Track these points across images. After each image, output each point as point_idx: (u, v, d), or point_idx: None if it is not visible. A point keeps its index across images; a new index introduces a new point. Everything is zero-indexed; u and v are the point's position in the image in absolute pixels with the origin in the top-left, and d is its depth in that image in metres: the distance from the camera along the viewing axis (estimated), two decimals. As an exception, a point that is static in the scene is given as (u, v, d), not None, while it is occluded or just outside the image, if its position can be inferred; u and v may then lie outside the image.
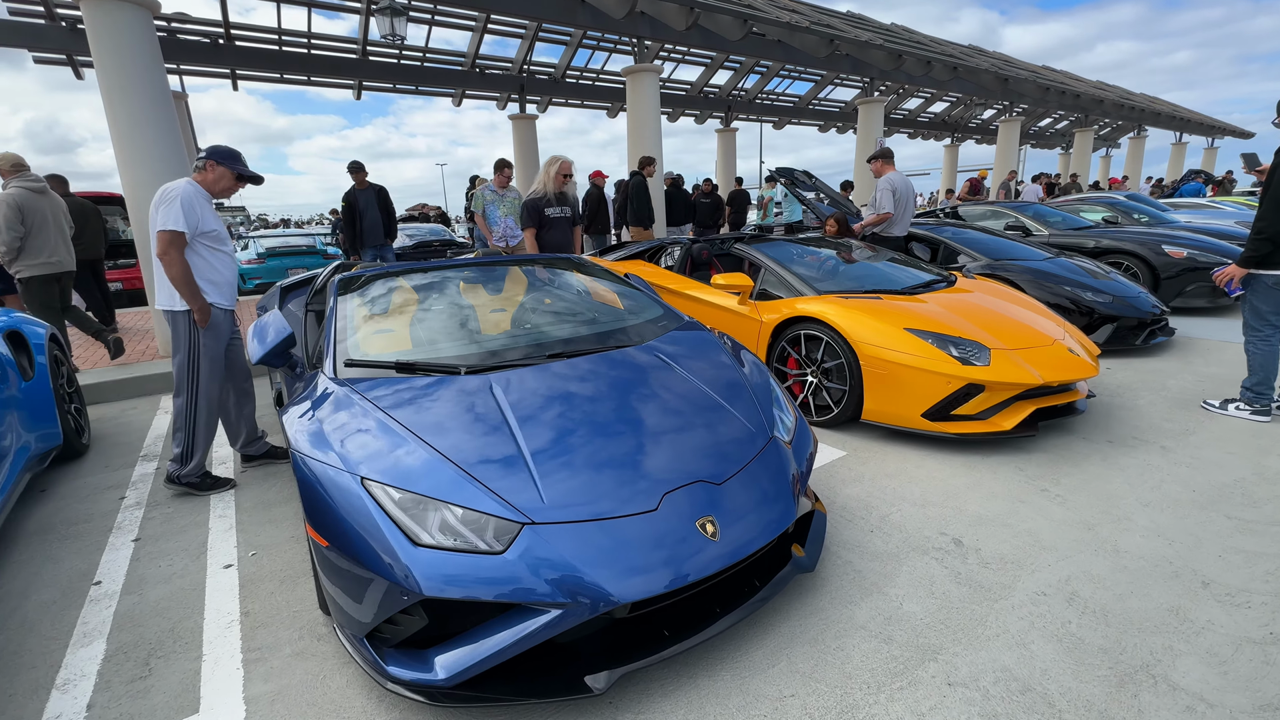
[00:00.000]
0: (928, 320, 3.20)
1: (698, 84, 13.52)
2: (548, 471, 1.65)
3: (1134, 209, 9.41)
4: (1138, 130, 21.88)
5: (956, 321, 3.23)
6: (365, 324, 2.38)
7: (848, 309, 3.32)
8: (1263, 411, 3.34)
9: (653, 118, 7.93)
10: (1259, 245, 3.12)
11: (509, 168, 5.84)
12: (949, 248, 5.62)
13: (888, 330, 3.13)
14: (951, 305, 3.47)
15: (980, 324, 3.25)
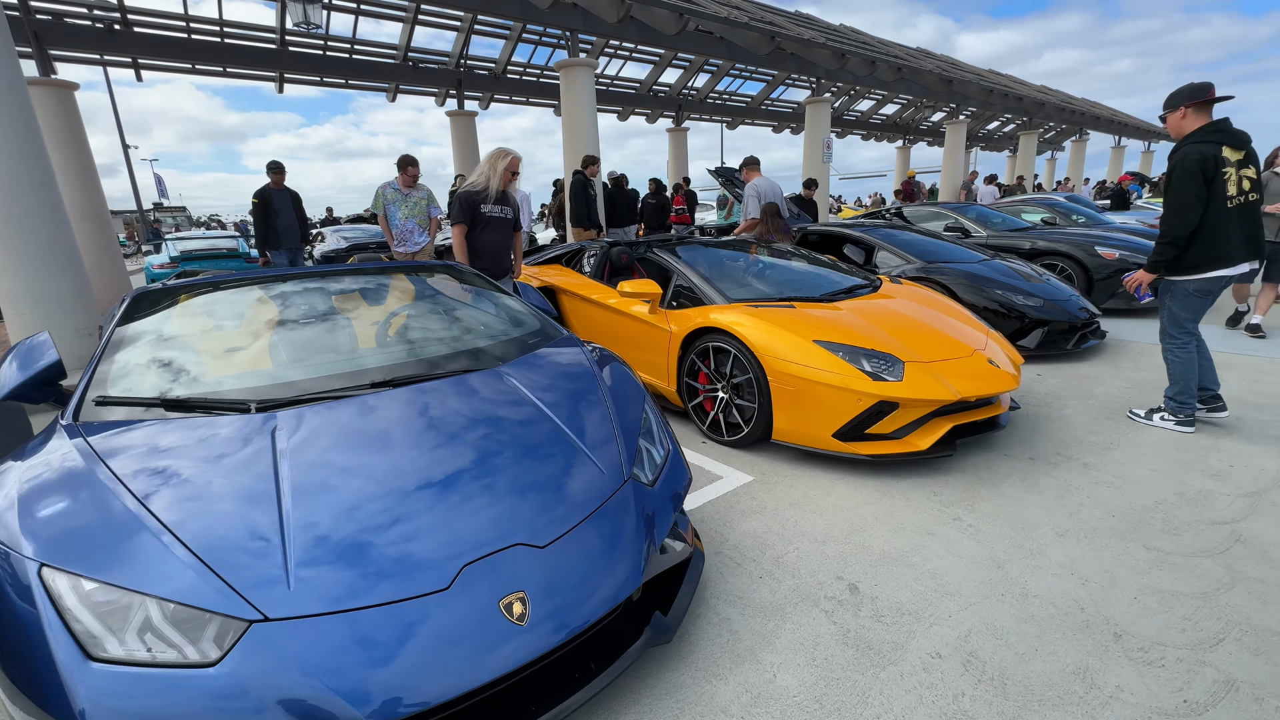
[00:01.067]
0: (840, 331, 2.95)
1: (646, 82, 13.24)
2: (308, 546, 1.30)
3: (1073, 210, 9.51)
4: (1079, 134, 22.57)
5: (871, 332, 2.99)
6: (149, 350, 1.97)
7: (756, 319, 3.04)
8: (1186, 422, 3.20)
9: (588, 114, 7.60)
10: (1164, 250, 3.05)
11: (414, 165, 5.31)
12: (884, 250, 5.44)
13: (796, 342, 2.86)
14: (869, 313, 3.23)
15: (897, 334, 3.02)
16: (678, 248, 4.03)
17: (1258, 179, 2.99)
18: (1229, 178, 2.90)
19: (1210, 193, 2.90)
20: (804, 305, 3.27)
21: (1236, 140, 2.93)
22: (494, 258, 3.85)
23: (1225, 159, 2.89)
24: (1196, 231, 2.96)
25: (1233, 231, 2.95)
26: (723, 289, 3.43)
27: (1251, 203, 2.97)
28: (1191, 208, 2.91)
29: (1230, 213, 2.93)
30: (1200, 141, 2.92)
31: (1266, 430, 3.15)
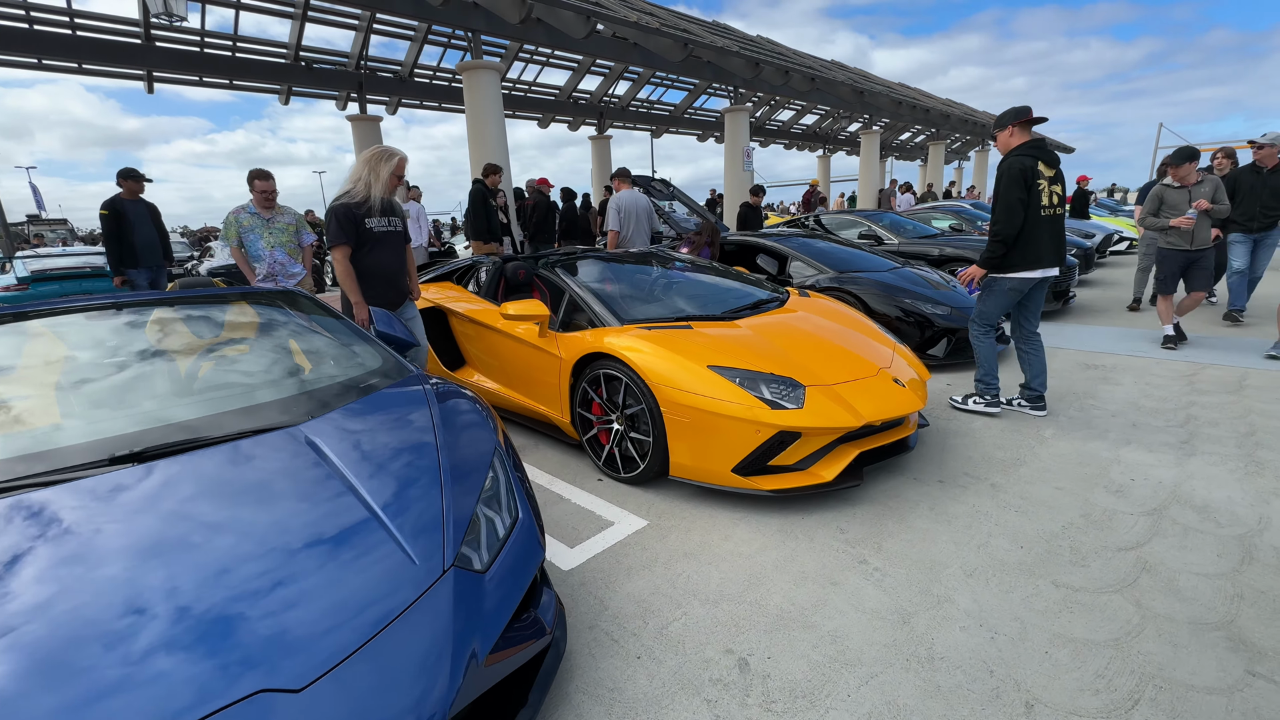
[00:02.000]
0: (739, 353, 2.70)
1: (566, 88, 12.93)
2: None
3: (979, 216, 9.90)
4: (983, 144, 24.04)
5: (772, 353, 2.76)
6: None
7: (649, 343, 2.75)
8: (993, 404, 3.57)
9: (494, 119, 7.18)
10: (994, 248, 3.35)
11: (264, 179, 4.25)
12: (797, 260, 5.33)
13: (691, 368, 2.59)
14: (772, 331, 3.01)
15: (800, 354, 2.80)
16: (577, 263, 3.70)
17: (1064, 195, 3.39)
18: (1043, 189, 3.27)
19: (1030, 200, 3.25)
20: (703, 325, 3.01)
21: (1050, 158, 3.33)
22: (389, 281, 3.23)
23: (1040, 172, 3.26)
24: (1020, 236, 3.29)
25: (1044, 238, 3.32)
26: (616, 309, 3.12)
27: (1058, 215, 3.37)
28: (1017, 210, 3.24)
29: (1043, 221, 3.29)
30: (1022, 154, 3.28)
31: (1160, 437, 3.15)
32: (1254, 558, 2.10)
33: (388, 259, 3.20)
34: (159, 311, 2.20)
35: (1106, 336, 5.43)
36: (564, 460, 3.22)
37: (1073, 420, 3.45)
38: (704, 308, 3.35)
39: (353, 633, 1.15)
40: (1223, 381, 4.00)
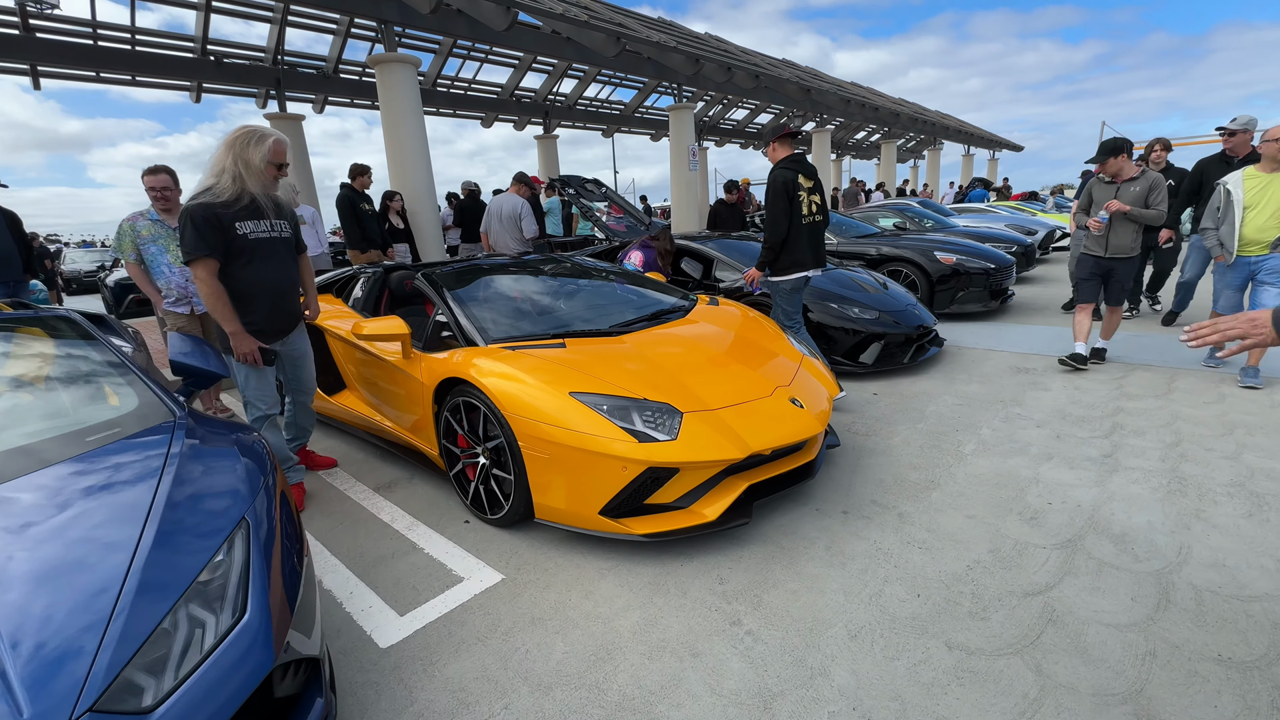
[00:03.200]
0: (610, 376, 2.36)
1: (508, 86, 12.48)
2: None
3: (924, 215, 9.83)
4: (935, 143, 24.38)
5: (653, 374, 2.43)
6: None
7: (509, 364, 2.39)
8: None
9: (411, 117, 6.72)
10: (766, 253, 3.70)
11: (160, 174, 3.49)
12: (723, 263, 5.04)
13: (549, 395, 2.24)
14: (659, 348, 2.69)
15: (687, 372, 2.48)
16: (464, 272, 3.32)
17: (824, 204, 3.78)
18: (803, 200, 3.61)
19: (792, 210, 3.58)
20: (581, 342, 2.66)
21: (808, 170, 3.70)
22: (276, 302, 2.57)
23: (800, 184, 3.60)
24: (785, 242, 3.63)
25: (805, 244, 3.67)
26: (486, 325, 2.75)
27: (818, 223, 3.76)
28: (782, 220, 3.58)
29: (804, 228, 3.64)
30: (785, 168, 3.62)
31: (1084, 450, 2.93)
32: (1170, 600, 1.85)
33: (272, 273, 2.51)
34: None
35: (1041, 337, 5.29)
36: (435, 498, 2.84)
37: (996, 433, 3.22)
38: (592, 321, 3.01)
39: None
40: (1152, 385, 3.84)
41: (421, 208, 6.91)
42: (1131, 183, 3.99)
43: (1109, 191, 4.09)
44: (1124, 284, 4.20)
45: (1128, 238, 4.05)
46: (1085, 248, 4.25)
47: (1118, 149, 4.02)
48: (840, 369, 4.34)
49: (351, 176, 5.43)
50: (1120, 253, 4.09)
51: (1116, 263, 4.12)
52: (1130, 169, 4.02)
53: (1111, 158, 4.03)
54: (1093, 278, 4.23)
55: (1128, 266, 4.14)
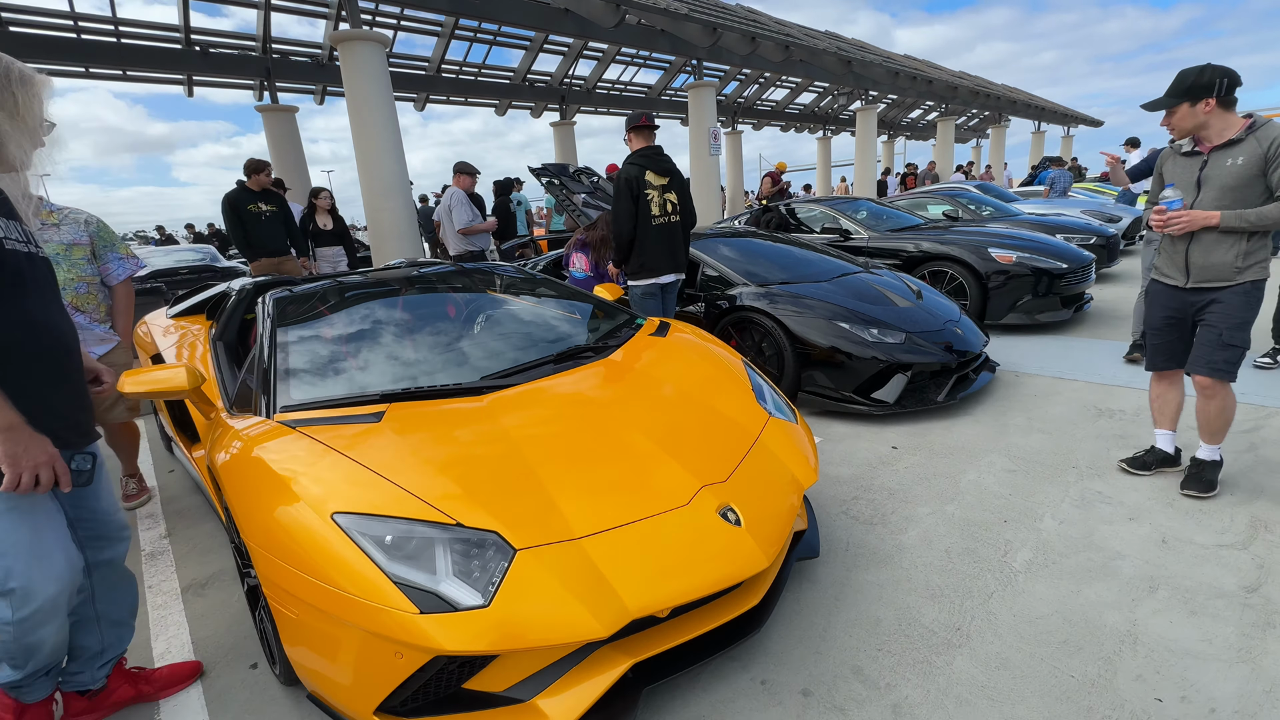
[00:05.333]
0: (411, 479, 1.47)
1: (520, 69, 11.71)
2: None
3: (982, 201, 8.48)
4: (1000, 119, 22.17)
5: (501, 470, 1.54)
6: None
7: (266, 452, 1.56)
8: None
9: (380, 102, 6.02)
10: (616, 255, 3.49)
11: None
12: (709, 269, 4.06)
13: (301, 518, 1.38)
14: (532, 413, 1.79)
15: (553, 463, 1.59)
16: (295, 296, 2.46)
17: (682, 203, 3.43)
18: (651, 199, 3.32)
19: (638, 210, 3.30)
20: (413, 407, 1.79)
21: (660, 167, 3.36)
22: (64, 368, 1.37)
23: (648, 182, 3.31)
24: (635, 243, 3.35)
25: (655, 247, 3.37)
26: (289, 380, 1.92)
27: (673, 224, 3.42)
28: (624, 220, 3.32)
29: (653, 230, 3.35)
30: (633, 163, 3.34)
31: (1213, 573, 1.86)
32: None
33: (48, 315, 1.35)
34: None
35: (1127, 362, 4.08)
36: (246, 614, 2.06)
37: (1066, 531, 2.18)
38: (460, 367, 2.14)
39: None
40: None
41: (391, 204, 6.22)
42: (1230, 150, 2.10)
43: (1188, 168, 2.22)
44: (1225, 334, 2.18)
45: (1226, 251, 2.15)
46: (1156, 272, 2.40)
47: (1196, 88, 2.07)
48: (851, 411, 3.32)
49: (245, 173, 4.72)
50: (1215, 278, 2.19)
51: (1208, 297, 2.23)
52: (1226, 123, 2.10)
53: (1184, 102, 2.11)
54: (1168, 327, 2.36)
55: (1232, 303, 2.17)
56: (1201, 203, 2.17)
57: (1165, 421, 2.51)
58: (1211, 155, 2.15)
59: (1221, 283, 2.19)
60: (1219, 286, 2.20)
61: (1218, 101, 2.07)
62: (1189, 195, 2.20)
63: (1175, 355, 2.40)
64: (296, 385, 1.88)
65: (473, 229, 4.92)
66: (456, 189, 4.99)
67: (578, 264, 3.89)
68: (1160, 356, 2.44)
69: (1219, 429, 2.32)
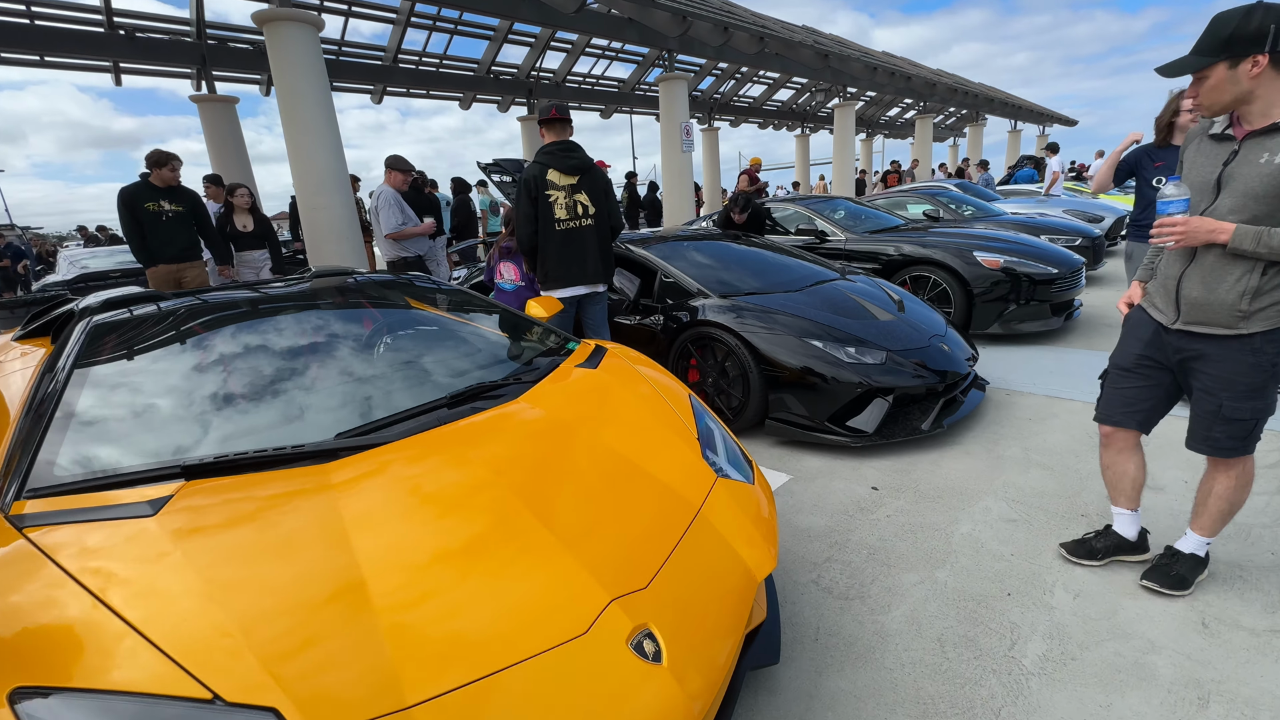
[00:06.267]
0: (156, 630, 0.99)
1: (485, 60, 11.14)
2: None
3: (962, 200, 8.17)
4: (977, 118, 22.11)
5: (296, 598, 1.07)
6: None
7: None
8: None
9: (313, 90, 5.46)
10: (528, 260, 3.18)
11: None
12: (669, 277, 3.61)
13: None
14: (383, 497, 1.32)
15: (392, 574, 1.12)
16: (171, 312, 2.00)
17: (598, 205, 3.08)
18: (555, 200, 2.99)
19: (538, 212, 2.98)
20: (223, 486, 1.30)
21: (566, 164, 3.00)
22: None
23: (551, 182, 2.98)
24: (541, 249, 3.05)
25: (564, 255, 3.05)
26: (70, 440, 1.42)
27: (584, 229, 3.06)
28: (523, 224, 3.02)
29: (557, 235, 3.03)
30: (537, 160, 3.02)
31: (1270, 673, 1.47)
32: None
33: None
34: None
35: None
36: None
37: (1083, 608, 1.77)
38: (324, 417, 1.65)
39: None
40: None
41: (329, 203, 5.67)
42: (1272, 139, 1.43)
43: (1210, 159, 1.56)
44: (1226, 405, 1.58)
45: (1231, 284, 1.51)
46: (1148, 298, 1.76)
47: (1239, 39, 1.38)
48: (825, 442, 2.90)
49: (148, 166, 4.15)
50: (1208, 321, 1.57)
51: (1198, 348, 1.61)
52: (1278, 95, 1.42)
53: (1221, 62, 1.41)
54: (1138, 370, 1.75)
55: (1231, 362, 1.56)
56: (1216, 212, 1.52)
57: (1122, 498, 1.90)
58: (1245, 144, 1.47)
59: (1217, 329, 1.55)
60: (1213, 334, 1.56)
61: (1270, 59, 1.36)
62: (1200, 197, 1.56)
63: (1135, 410, 1.77)
64: (68, 453, 1.38)
65: (405, 233, 4.40)
66: (386, 188, 4.46)
67: (505, 274, 3.41)
68: (1115, 405, 1.80)
69: (1217, 515, 1.73)
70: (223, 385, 1.72)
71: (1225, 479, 1.69)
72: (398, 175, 4.43)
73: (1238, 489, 1.69)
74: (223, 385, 1.72)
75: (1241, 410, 1.57)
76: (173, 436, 1.51)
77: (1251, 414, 1.57)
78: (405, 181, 4.57)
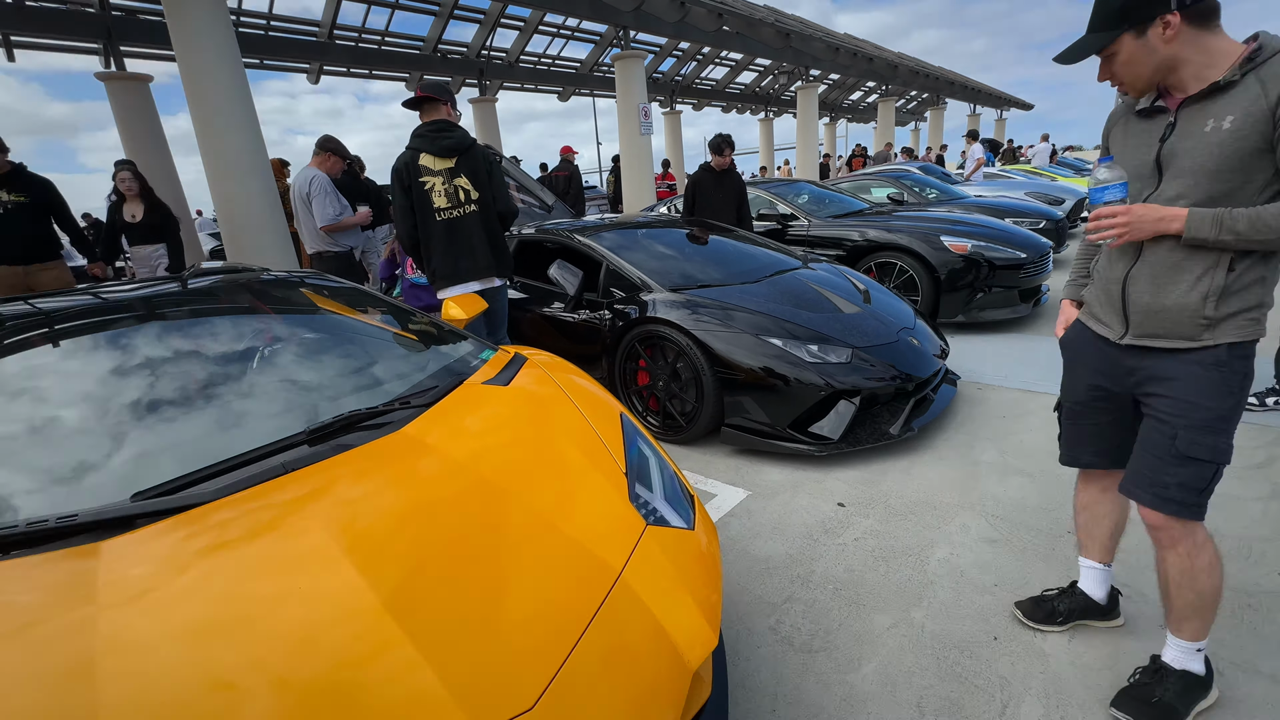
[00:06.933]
0: None
1: (431, 38, 10.50)
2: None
3: (925, 183, 8.01)
4: (938, 101, 22.22)
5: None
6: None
7: None
8: None
9: (219, 61, 4.90)
10: (416, 257, 2.94)
11: None
12: (615, 269, 3.26)
13: None
14: (194, 567, 0.96)
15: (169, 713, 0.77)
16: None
17: (480, 190, 2.71)
18: (433, 188, 2.65)
19: (412, 202, 2.67)
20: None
21: (440, 146, 2.65)
22: None
23: (425, 167, 2.64)
24: (424, 245, 2.75)
25: (446, 248, 2.72)
26: None
27: (468, 216, 2.71)
28: (399, 216, 2.74)
29: (439, 226, 2.70)
30: (410, 146, 2.69)
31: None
32: None
33: None
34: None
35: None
36: None
37: (1078, 661, 1.51)
38: (132, 467, 1.27)
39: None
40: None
41: (246, 191, 5.13)
42: (1212, 102, 1.14)
43: (1144, 137, 1.26)
44: (1180, 438, 1.22)
45: (1189, 285, 1.21)
46: (1085, 310, 1.46)
47: (1134, 3, 1.14)
48: (786, 450, 2.62)
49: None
50: (1165, 332, 1.25)
51: (1153, 366, 1.28)
52: (1207, 54, 1.14)
53: (1124, 33, 1.16)
54: (1095, 402, 1.43)
55: (1193, 381, 1.22)
56: (1160, 198, 1.22)
57: (1095, 548, 1.57)
58: (1181, 114, 1.18)
59: (1177, 342, 1.23)
60: (1172, 349, 1.24)
61: (1183, 16, 1.11)
62: (1139, 185, 1.25)
63: (1104, 449, 1.46)
64: None
65: (343, 224, 3.91)
66: (318, 173, 3.94)
67: (416, 269, 3.03)
68: (1079, 445, 1.49)
69: (1189, 611, 1.30)
70: (10, 425, 1.31)
71: (1176, 558, 1.28)
72: (334, 160, 3.93)
73: (1200, 571, 1.26)
74: (10, 425, 1.31)
75: (1200, 447, 1.20)
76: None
77: (1210, 454, 1.20)
78: (339, 167, 4.06)
